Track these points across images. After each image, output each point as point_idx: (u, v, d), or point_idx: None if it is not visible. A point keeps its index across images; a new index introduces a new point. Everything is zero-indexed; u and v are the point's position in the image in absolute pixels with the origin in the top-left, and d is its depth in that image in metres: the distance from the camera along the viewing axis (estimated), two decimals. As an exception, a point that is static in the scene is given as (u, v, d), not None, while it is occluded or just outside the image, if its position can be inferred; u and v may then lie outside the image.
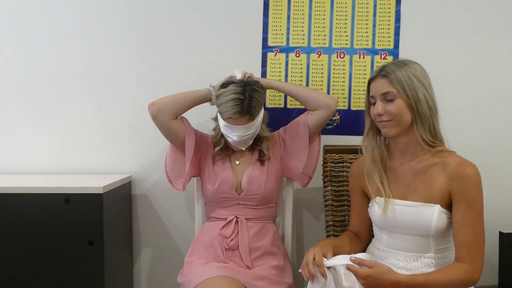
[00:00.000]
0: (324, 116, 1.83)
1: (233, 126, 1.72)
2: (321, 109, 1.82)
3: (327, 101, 1.83)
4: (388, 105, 1.44)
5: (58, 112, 2.11)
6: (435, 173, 1.44)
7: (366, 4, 2.08)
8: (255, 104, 1.72)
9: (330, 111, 1.83)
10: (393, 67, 1.45)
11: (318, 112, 1.83)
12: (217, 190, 1.80)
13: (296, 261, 2.16)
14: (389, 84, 1.43)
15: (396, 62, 1.48)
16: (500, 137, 2.13)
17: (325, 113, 1.82)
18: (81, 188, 1.75)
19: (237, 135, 1.73)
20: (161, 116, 1.76)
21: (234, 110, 1.69)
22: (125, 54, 2.10)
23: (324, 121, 1.85)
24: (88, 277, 1.75)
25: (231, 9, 2.08)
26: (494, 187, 2.09)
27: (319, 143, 1.91)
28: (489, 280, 2.04)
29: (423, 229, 1.43)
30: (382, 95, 1.44)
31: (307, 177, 1.90)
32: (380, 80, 1.45)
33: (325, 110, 1.82)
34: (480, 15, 2.09)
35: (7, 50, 2.09)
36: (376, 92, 1.46)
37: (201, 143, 1.86)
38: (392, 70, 1.43)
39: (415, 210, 1.43)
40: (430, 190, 1.43)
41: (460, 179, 1.38)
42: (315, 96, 1.84)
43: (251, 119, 1.72)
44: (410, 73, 1.42)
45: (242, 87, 1.72)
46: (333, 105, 1.82)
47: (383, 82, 1.44)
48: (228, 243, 1.73)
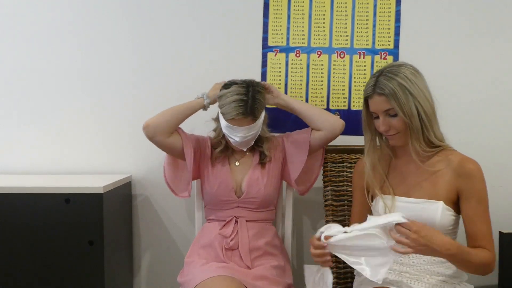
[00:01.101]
0: (328, 138, 1.81)
1: (236, 127, 1.72)
2: (325, 131, 1.79)
3: (333, 123, 1.79)
4: (392, 120, 1.44)
5: (58, 112, 2.11)
6: (440, 170, 1.47)
7: (366, 4, 2.08)
8: (258, 105, 1.72)
9: (334, 134, 1.80)
10: (386, 81, 1.42)
11: (321, 134, 1.80)
12: (216, 193, 1.79)
13: (296, 261, 2.16)
14: (387, 102, 1.42)
15: (387, 72, 1.45)
16: (500, 137, 2.12)
17: (329, 135, 1.80)
18: (81, 188, 1.75)
19: (240, 136, 1.73)
20: (157, 137, 1.76)
21: (237, 111, 1.68)
22: (125, 54, 2.10)
23: (326, 142, 1.82)
24: (88, 277, 1.75)
25: (231, 9, 2.08)
26: (494, 187, 2.07)
27: (322, 157, 1.89)
28: (489, 280, 2.04)
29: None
30: (385, 111, 1.44)
31: (304, 187, 1.89)
32: (378, 98, 1.44)
33: (329, 133, 1.79)
34: (480, 15, 2.09)
35: (7, 50, 2.09)
36: (378, 109, 1.46)
37: (199, 148, 1.86)
38: (386, 86, 1.41)
39: (420, 206, 1.45)
40: (435, 187, 1.46)
41: (467, 176, 1.43)
42: (321, 116, 1.80)
43: (253, 120, 1.72)
44: (402, 85, 1.41)
45: (245, 88, 1.72)
46: (337, 128, 1.79)
47: (382, 100, 1.43)
48: (228, 242, 1.73)
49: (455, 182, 1.45)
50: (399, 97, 1.40)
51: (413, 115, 1.41)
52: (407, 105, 1.40)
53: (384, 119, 1.45)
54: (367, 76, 2.09)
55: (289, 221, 1.93)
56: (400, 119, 1.43)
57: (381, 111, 1.45)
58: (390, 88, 1.41)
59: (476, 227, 1.43)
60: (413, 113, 1.41)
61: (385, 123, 1.45)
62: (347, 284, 1.77)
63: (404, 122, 1.43)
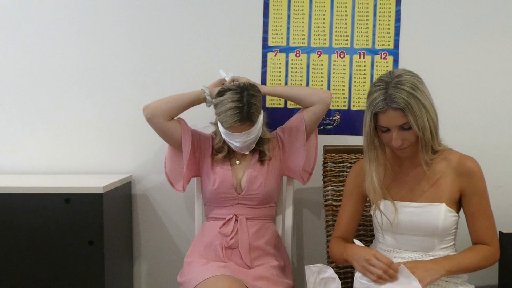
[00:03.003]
0: (320, 111, 1.82)
1: (235, 133, 1.72)
2: (316, 104, 1.82)
3: (321, 95, 1.83)
4: (405, 133, 1.41)
5: (58, 112, 2.11)
6: (441, 171, 1.48)
7: (366, 4, 2.08)
8: (254, 110, 1.71)
9: (325, 105, 1.82)
10: (398, 94, 1.36)
11: (313, 108, 1.82)
12: (216, 190, 1.79)
13: (296, 261, 2.16)
14: (404, 116, 1.37)
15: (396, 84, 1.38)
16: (500, 137, 2.13)
17: (321, 107, 1.82)
18: (81, 188, 1.75)
19: (239, 141, 1.73)
20: (155, 118, 1.76)
21: (234, 119, 1.68)
22: (125, 54, 2.10)
23: (320, 115, 1.84)
24: (88, 277, 1.75)
25: (231, 9, 2.08)
26: (494, 187, 2.08)
27: (316, 139, 1.90)
28: (489, 280, 2.04)
29: (429, 229, 1.46)
30: (399, 126, 1.40)
31: (307, 174, 1.89)
32: (393, 113, 1.37)
33: (321, 105, 1.82)
34: (480, 15, 2.09)
35: (8, 50, 2.09)
36: (392, 124, 1.40)
37: (199, 143, 1.86)
38: (401, 100, 1.36)
39: (423, 210, 1.46)
40: (438, 190, 1.47)
41: (467, 175, 1.46)
42: (309, 93, 1.84)
43: (251, 125, 1.72)
44: (415, 97, 1.36)
45: (239, 93, 1.70)
46: (327, 99, 1.82)
47: (398, 115, 1.38)
48: (228, 241, 1.73)
49: (456, 182, 1.47)
50: (415, 110, 1.36)
51: (426, 128, 1.38)
52: (421, 118, 1.37)
53: (398, 133, 1.40)
54: (367, 76, 2.10)
55: (289, 220, 1.93)
56: (412, 132, 1.40)
57: (395, 126, 1.40)
58: (405, 102, 1.35)
59: (480, 223, 1.48)
60: (425, 126, 1.38)
61: (399, 138, 1.40)
62: (347, 284, 1.77)
63: (415, 135, 1.41)
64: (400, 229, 1.49)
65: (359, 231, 1.86)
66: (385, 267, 1.33)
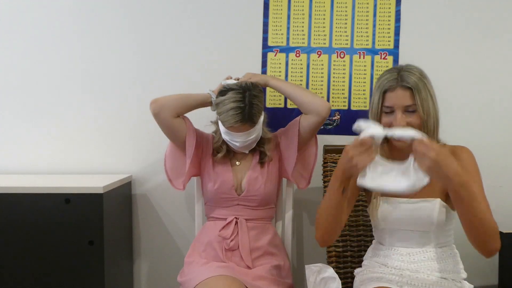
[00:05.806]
0: (315, 122, 1.78)
1: (235, 133, 1.72)
2: (312, 114, 1.78)
3: (319, 107, 1.76)
4: (409, 116, 1.41)
5: (58, 112, 2.11)
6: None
7: (366, 4, 2.08)
8: (256, 110, 1.70)
9: (321, 118, 1.77)
10: (410, 75, 1.41)
11: (309, 117, 1.79)
12: (217, 190, 1.80)
13: (296, 261, 2.16)
14: (411, 97, 1.40)
15: (407, 68, 1.44)
16: (500, 136, 2.13)
17: (316, 119, 1.77)
18: (81, 188, 1.75)
19: (240, 141, 1.73)
20: (162, 113, 1.75)
21: (235, 119, 1.67)
22: (126, 54, 2.10)
23: (315, 126, 1.80)
24: (88, 277, 1.75)
25: (231, 9, 2.08)
26: (494, 187, 2.09)
27: (315, 146, 1.88)
28: (489, 280, 2.04)
29: (425, 224, 1.45)
30: (405, 106, 1.41)
31: (303, 180, 1.89)
32: (402, 92, 1.40)
33: (316, 117, 1.77)
34: (480, 14, 2.09)
35: (7, 50, 2.10)
36: (398, 104, 1.41)
37: (202, 142, 1.86)
38: (412, 80, 1.40)
39: (418, 206, 1.45)
40: (432, 184, 1.41)
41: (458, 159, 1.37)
42: (309, 101, 1.78)
43: (252, 125, 1.72)
44: (423, 81, 1.41)
45: (241, 93, 1.69)
46: (323, 111, 1.76)
47: (406, 94, 1.40)
48: (228, 243, 1.73)
49: None
50: (422, 92, 1.40)
51: (430, 114, 1.41)
52: (426, 102, 1.40)
53: (403, 115, 1.41)
54: (367, 76, 2.10)
55: (289, 221, 1.93)
56: (417, 117, 1.41)
57: (401, 106, 1.41)
58: (414, 83, 1.40)
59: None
60: (430, 112, 1.40)
61: (403, 119, 1.40)
62: (347, 284, 1.77)
63: (419, 122, 1.41)
64: (396, 225, 1.49)
65: (359, 231, 1.86)
66: (357, 140, 1.37)
